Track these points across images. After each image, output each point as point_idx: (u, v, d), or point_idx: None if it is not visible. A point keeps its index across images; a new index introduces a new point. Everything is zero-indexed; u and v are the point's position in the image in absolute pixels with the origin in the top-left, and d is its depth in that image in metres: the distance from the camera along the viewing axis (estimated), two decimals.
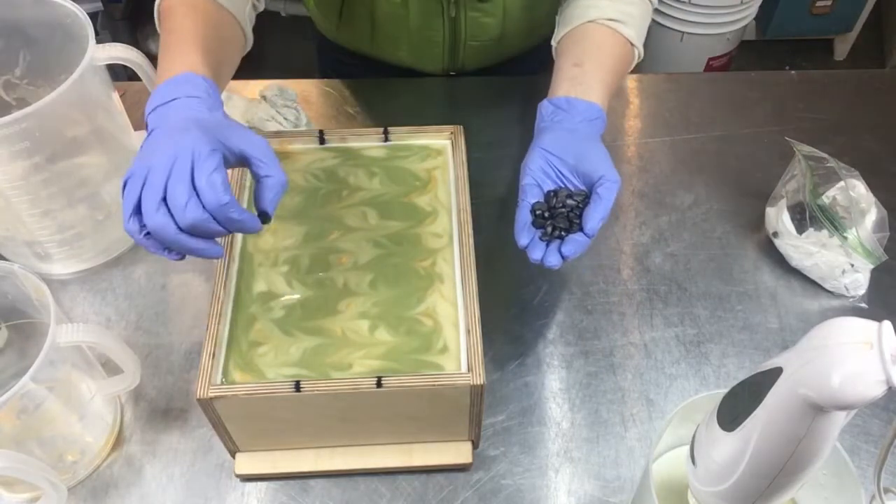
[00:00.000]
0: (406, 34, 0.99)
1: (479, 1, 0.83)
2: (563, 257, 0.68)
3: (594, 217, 0.67)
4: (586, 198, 0.70)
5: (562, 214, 0.69)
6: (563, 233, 0.69)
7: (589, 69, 0.76)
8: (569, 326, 0.82)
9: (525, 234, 0.69)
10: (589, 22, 0.79)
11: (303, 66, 1.19)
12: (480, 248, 0.71)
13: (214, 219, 0.55)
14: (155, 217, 0.55)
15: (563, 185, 0.71)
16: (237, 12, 0.76)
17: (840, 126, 1.04)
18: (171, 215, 0.55)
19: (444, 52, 1.01)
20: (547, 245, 0.69)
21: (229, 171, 0.61)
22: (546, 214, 0.70)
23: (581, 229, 0.68)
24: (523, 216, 0.70)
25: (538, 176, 0.71)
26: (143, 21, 2.13)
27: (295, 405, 0.63)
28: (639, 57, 0.83)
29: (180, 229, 0.55)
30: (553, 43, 0.84)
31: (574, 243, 0.68)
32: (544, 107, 0.76)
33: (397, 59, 1.04)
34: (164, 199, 0.55)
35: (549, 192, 0.71)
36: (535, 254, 0.69)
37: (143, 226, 0.56)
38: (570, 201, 0.69)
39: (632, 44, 0.80)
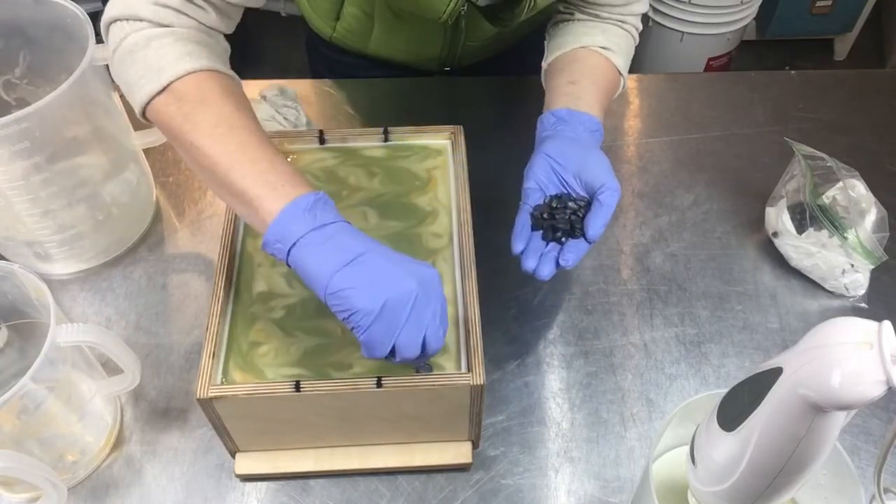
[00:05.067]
0: (404, 35, 0.99)
1: (491, 23, 0.83)
2: (559, 266, 0.69)
3: (597, 223, 0.68)
4: (588, 204, 0.71)
5: (563, 217, 0.70)
6: (563, 236, 0.70)
7: (585, 87, 0.78)
8: (569, 326, 0.82)
9: (521, 240, 0.70)
10: (581, 47, 0.81)
11: (302, 67, 1.19)
12: (480, 248, 0.71)
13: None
14: (412, 352, 0.58)
15: (565, 191, 0.72)
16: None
17: (840, 126, 1.04)
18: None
19: (442, 51, 1.01)
20: (541, 256, 0.70)
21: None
22: (546, 216, 0.71)
23: (583, 235, 0.69)
24: (522, 220, 0.71)
25: (541, 180, 0.72)
26: None
27: (295, 405, 0.63)
28: (623, 87, 0.85)
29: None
30: (543, 65, 0.85)
31: (575, 250, 0.69)
32: (546, 118, 0.77)
33: (394, 58, 1.04)
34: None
35: (551, 196, 0.72)
36: (529, 263, 0.69)
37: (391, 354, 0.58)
38: (572, 205, 0.70)
39: (620, 73, 0.83)
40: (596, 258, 0.88)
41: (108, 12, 0.66)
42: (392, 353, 0.57)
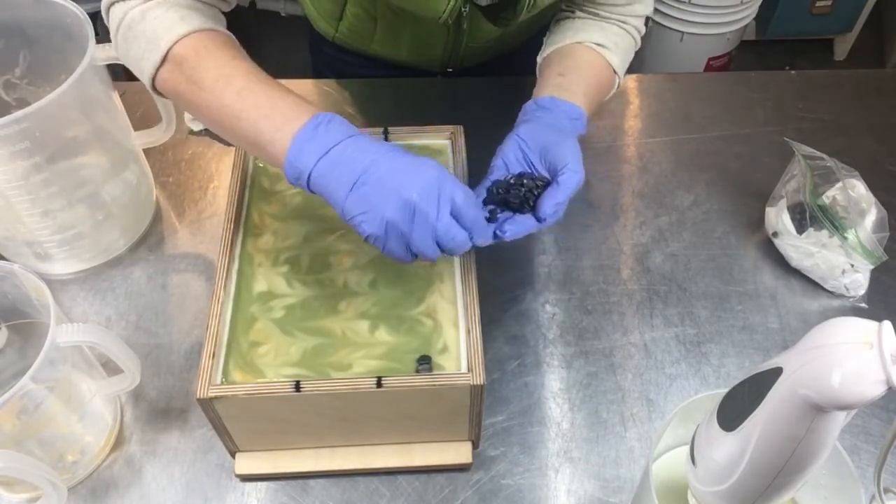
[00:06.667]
0: (407, 36, 0.99)
1: (493, 23, 0.83)
2: (496, 237, 0.67)
3: (548, 201, 0.67)
4: (547, 185, 0.69)
5: (517, 193, 0.69)
6: (514, 212, 0.69)
7: (573, 80, 0.78)
8: (569, 326, 0.82)
9: None
10: (577, 43, 0.82)
11: (302, 66, 1.19)
12: (480, 248, 0.71)
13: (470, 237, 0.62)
14: (431, 254, 0.60)
15: (529, 171, 0.71)
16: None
17: (840, 126, 1.04)
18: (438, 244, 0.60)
19: (445, 53, 1.01)
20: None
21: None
22: (500, 191, 0.70)
23: (532, 213, 0.68)
24: (477, 192, 0.70)
25: (508, 159, 0.72)
26: None
27: (295, 405, 0.63)
28: (618, 86, 0.85)
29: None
30: (538, 59, 0.85)
31: (516, 223, 0.68)
32: (528, 105, 0.78)
33: (396, 58, 1.04)
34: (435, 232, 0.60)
35: (514, 174, 0.71)
36: None
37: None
38: (528, 182, 0.69)
39: (614, 71, 0.83)
40: (596, 258, 0.88)
41: None
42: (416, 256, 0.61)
